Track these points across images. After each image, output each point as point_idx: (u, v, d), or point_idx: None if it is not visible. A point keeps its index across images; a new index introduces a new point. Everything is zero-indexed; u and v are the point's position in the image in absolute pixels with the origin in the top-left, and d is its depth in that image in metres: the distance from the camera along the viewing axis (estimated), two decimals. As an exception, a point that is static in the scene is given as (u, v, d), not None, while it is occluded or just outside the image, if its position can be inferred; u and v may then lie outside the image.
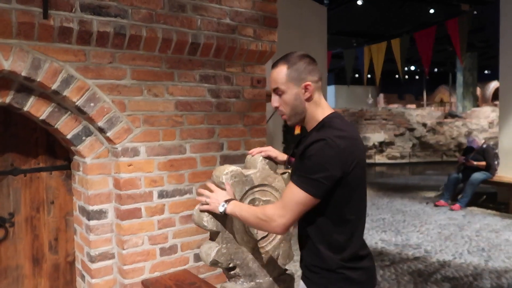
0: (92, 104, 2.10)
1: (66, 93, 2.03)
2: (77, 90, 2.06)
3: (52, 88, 1.99)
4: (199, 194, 1.61)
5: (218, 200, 1.51)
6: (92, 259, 2.22)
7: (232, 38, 2.49)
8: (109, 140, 2.20)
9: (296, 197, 1.29)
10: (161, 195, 2.34)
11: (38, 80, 1.96)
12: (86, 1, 2.00)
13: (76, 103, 2.06)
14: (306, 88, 1.39)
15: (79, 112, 2.14)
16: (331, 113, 1.42)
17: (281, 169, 1.85)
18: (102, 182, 2.24)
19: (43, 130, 2.31)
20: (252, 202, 1.69)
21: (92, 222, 2.21)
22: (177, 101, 2.39)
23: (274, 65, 1.42)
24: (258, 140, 2.75)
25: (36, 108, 2.06)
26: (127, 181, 2.22)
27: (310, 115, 1.43)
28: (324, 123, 1.39)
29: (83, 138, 2.19)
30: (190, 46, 2.36)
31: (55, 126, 2.12)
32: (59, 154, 2.39)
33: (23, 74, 1.92)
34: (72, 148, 2.23)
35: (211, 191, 1.59)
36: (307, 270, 1.44)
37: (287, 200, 1.32)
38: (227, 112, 2.59)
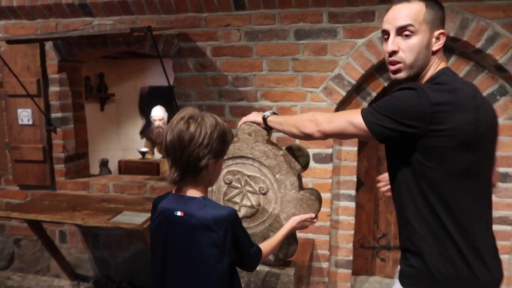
0: (515, 62, 2.01)
1: (489, 51, 2.02)
2: (501, 47, 2.01)
3: (476, 46, 2.03)
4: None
5: (257, 114, 1.49)
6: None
7: None
8: (527, 100, 2.05)
9: (351, 115, 1.14)
10: None
11: (464, 39, 2.04)
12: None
13: (498, 61, 2.02)
14: (438, 37, 1.11)
15: (498, 70, 2.09)
16: (443, 68, 1.13)
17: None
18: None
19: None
20: (232, 174, 1.53)
21: (498, 184, 2.17)
22: None
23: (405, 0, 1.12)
24: None
25: (455, 67, 2.17)
26: (545, 146, 2.02)
27: (429, 73, 1.13)
28: (432, 79, 1.11)
29: (497, 97, 2.14)
30: None
31: (471, 85, 2.17)
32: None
33: (451, 34, 2.05)
34: (482, 107, 2.23)
35: None
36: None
37: (340, 113, 1.19)
38: None
